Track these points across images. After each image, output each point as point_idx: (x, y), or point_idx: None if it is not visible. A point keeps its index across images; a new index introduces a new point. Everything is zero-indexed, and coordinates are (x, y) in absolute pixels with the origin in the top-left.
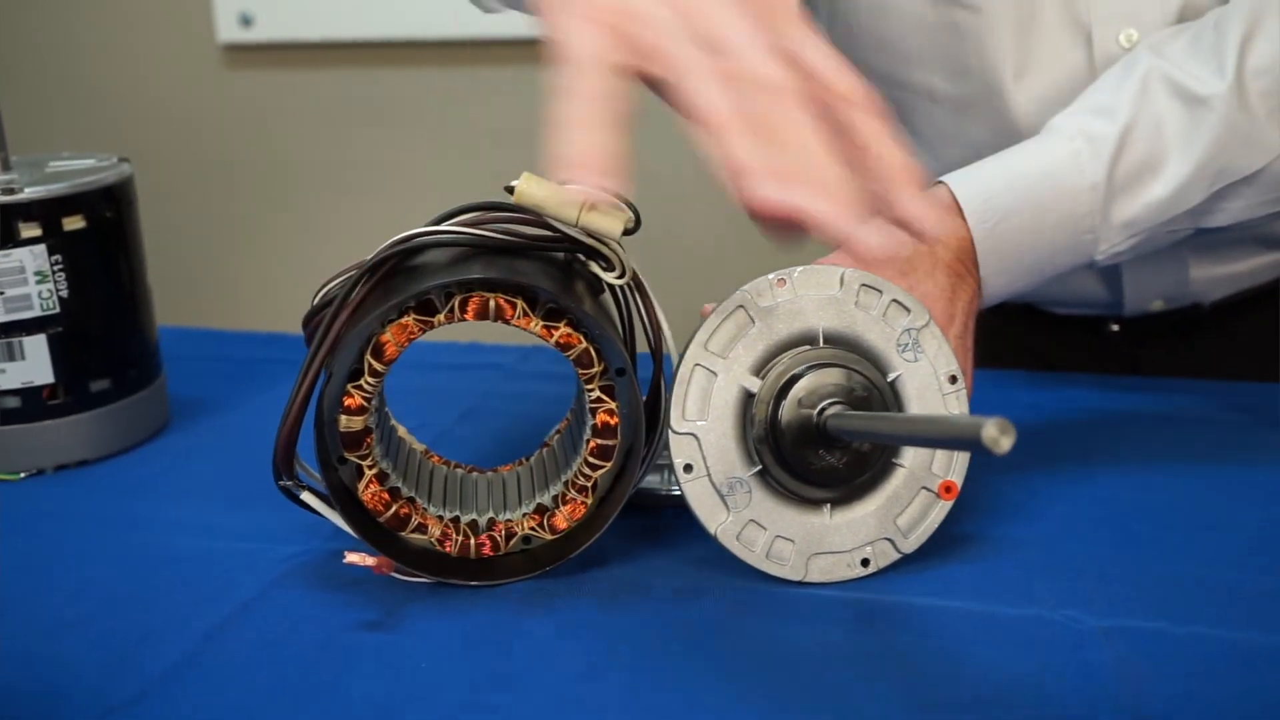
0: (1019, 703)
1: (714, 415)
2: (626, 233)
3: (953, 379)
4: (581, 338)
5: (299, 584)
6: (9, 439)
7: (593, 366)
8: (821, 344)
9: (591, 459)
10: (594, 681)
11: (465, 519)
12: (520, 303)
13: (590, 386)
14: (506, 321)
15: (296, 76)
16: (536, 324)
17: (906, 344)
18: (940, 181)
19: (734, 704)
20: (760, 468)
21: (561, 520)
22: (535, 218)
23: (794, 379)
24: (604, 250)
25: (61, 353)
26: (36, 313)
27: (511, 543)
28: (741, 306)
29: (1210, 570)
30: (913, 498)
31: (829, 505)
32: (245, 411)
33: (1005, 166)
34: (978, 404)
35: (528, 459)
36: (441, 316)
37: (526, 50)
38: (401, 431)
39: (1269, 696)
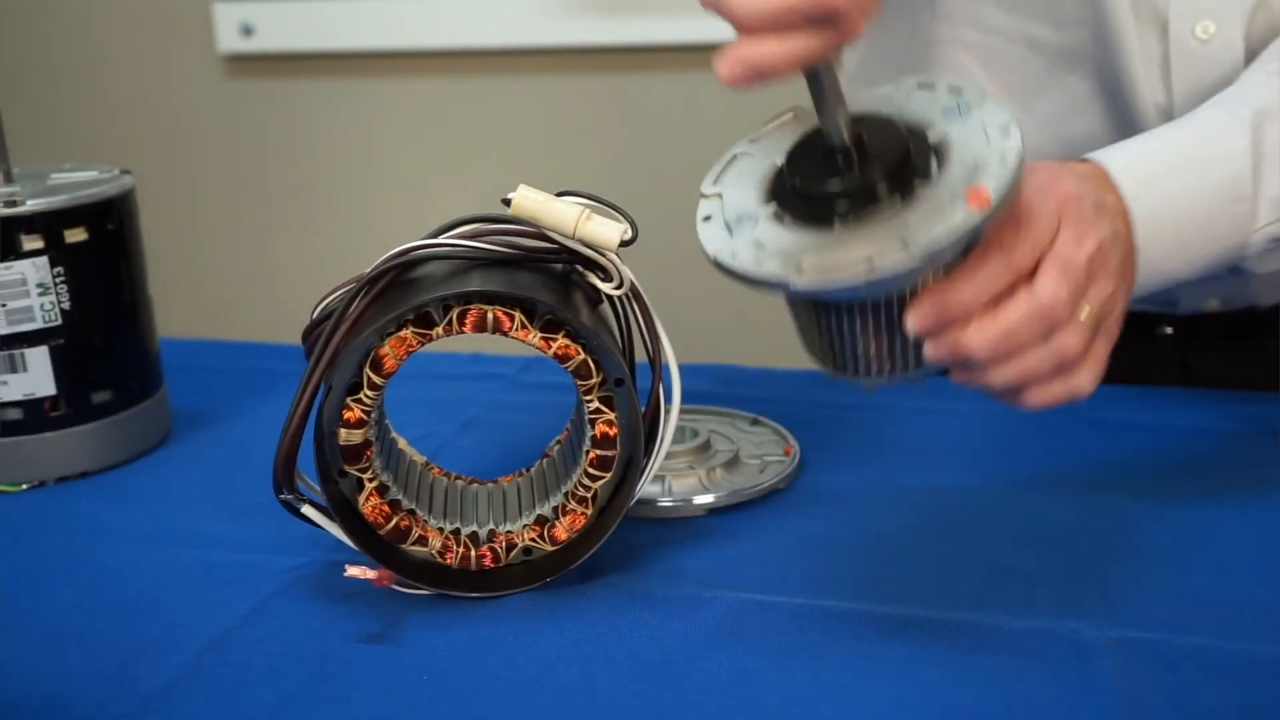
0: (1020, 714)
1: (742, 182)
2: (624, 244)
3: (1005, 130)
4: (580, 349)
5: (300, 595)
6: (10, 451)
7: (591, 378)
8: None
9: (591, 470)
10: (596, 693)
11: (466, 531)
12: (518, 314)
13: (589, 398)
14: (504, 333)
15: (297, 87)
16: (534, 335)
17: (951, 107)
18: (1085, 160)
19: (737, 715)
20: (774, 205)
21: (562, 531)
22: (533, 229)
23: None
24: (602, 261)
25: (63, 364)
26: (38, 325)
27: (512, 554)
28: (793, 113)
29: (1211, 582)
30: (933, 208)
31: (838, 220)
32: (246, 422)
33: (1150, 137)
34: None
35: (528, 470)
36: (440, 329)
37: (529, 61)
38: (402, 444)
39: (1270, 708)
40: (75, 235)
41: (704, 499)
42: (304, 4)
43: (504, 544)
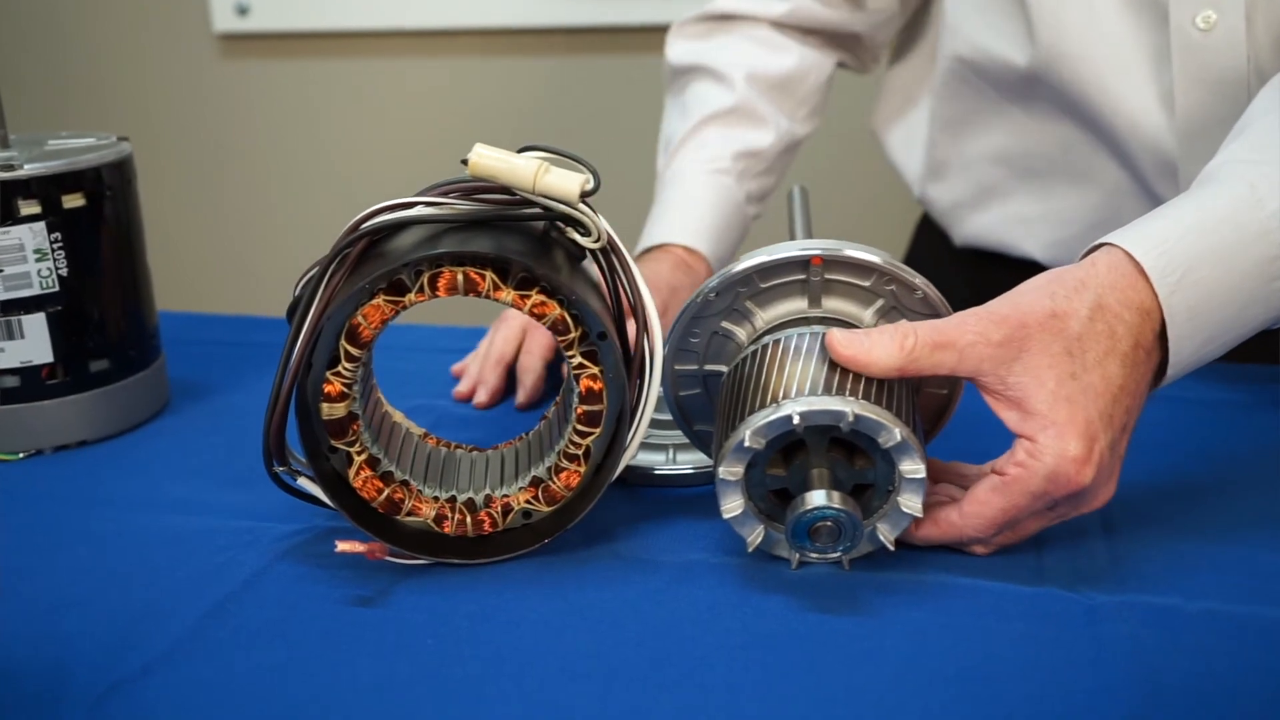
0: (1034, 676)
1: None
2: (585, 194)
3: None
4: (556, 304)
5: (301, 561)
6: (8, 419)
7: (570, 332)
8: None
9: (580, 426)
10: (603, 657)
11: (462, 498)
12: (490, 274)
13: (571, 353)
14: (479, 294)
15: (292, 66)
16: (509, 294)
17: None
18: (1103, 244)
19: (743, 680)
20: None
21: (557, 490)
22: (498, 187)
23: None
24: (575, 215)
25: (61, 332)
26: (36, 291)
27: (510, 517)
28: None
29: (1221, 549)
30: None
31: None
32: (244, 393)
33: (1174, 217)
34: None
35: (525, 435)
36: (413, 295)
37: (526, 41)
38: (397, 416)
39: (1274, 672)
40: (73, 201)
41: (708, 465)
42: None
43: (501, 508)
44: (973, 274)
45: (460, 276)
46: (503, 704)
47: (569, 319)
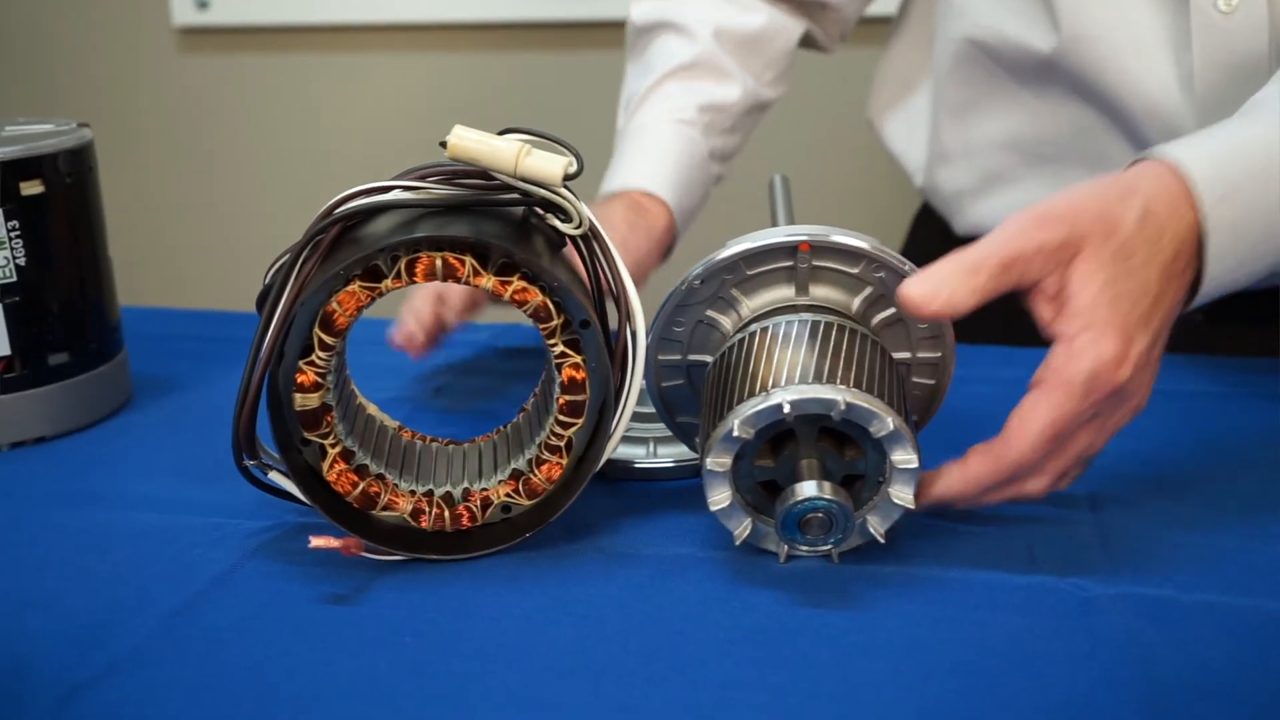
0: (1030, 669)
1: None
2: (568, 177)
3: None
4: (538, 291)
5: (273, 558)
6: None
7: (552, 320)
8: None
9: (562, 416)
10: (587, 654)
11: (440, 492)
12: (469, 260)
13: (553, 341)
14: (458, 279)
15: (253, 61)
16: (489, 280)
17: None
18: (1150, 156)
19: (734, 676)
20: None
21: (538, 483)
22: (478, 170)
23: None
24: (557, 200)
25: (19, 323)
26: None
27: (489, 512)
28: None
29: (1216, 540)
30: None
31: None
32: (209, 389)
33: (1224, 135)
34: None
35: (503, 428)
36: (389, 281)
37: (491, 36)
38: (371, 409)
39: (1275, 664)
40: (31, 188)
41: (691, 458)
42: None
43: (480, 502)
44: None
45: (439, 262)
46: (488, 702)
47: (551, 306)
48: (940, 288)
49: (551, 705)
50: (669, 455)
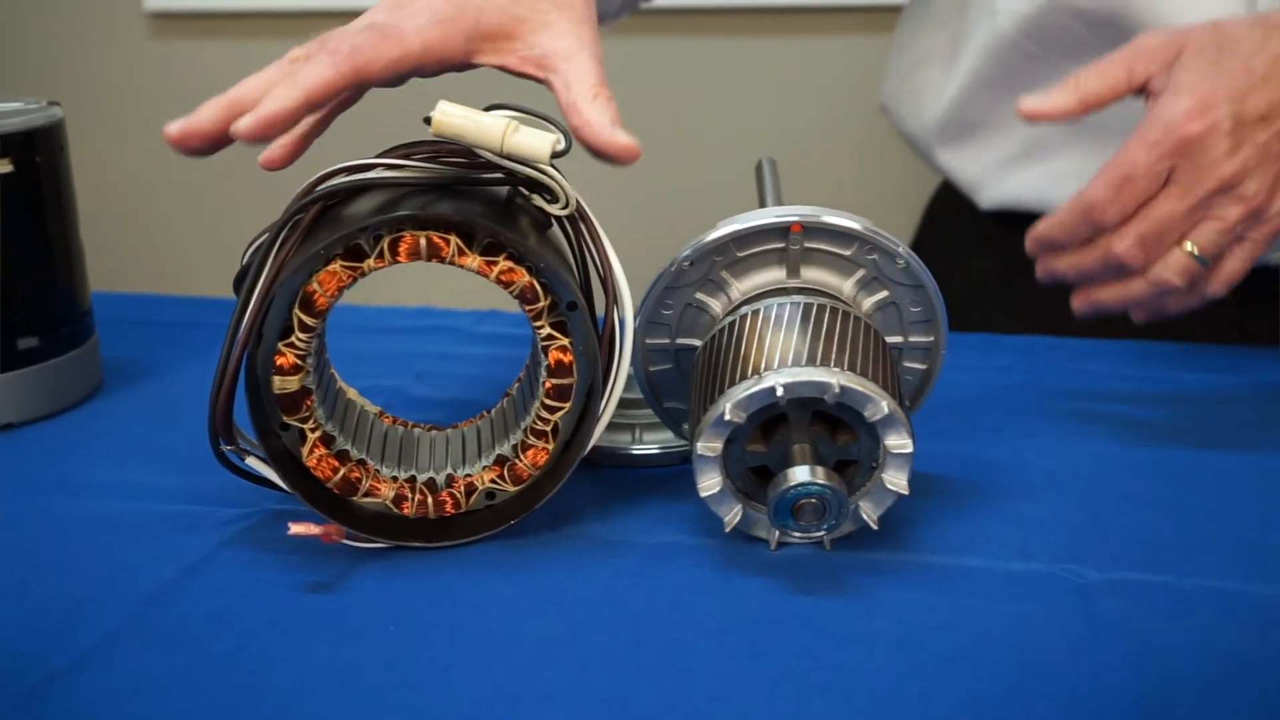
0: (1029, 657)
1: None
2: (556, 154)
3: None
4: (525, 272)
5: (250, 546)
6: None
7: (539, 301)
8: None
9: (549, 401)
10: (575, 642)
11: (423, 478)
12: (454, 239)
13: (540, 323)
14: (442, 260)
15: (227, 47)
16: (474, 260)
17: None
18: None
19: (726, 664)
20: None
21: (524, 469)
22: (461, 148)
23: None
24: (543, 180)
25: None
26: None
27: (474, 498)
28: None
29: (1212, 526)
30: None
31: None
32: (182, 375)
33: None
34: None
35: (488, 413)
36: (372, 261)
37: None
38: (352, 394)
39: (1276, 648)
40: (0, 167)
41: (678, 445)
42: None
43: (464, 488)
44: (1000, 240)
45: (423, 241)
46: (473, 693)
47: (538, 287)
48: (1071, 85)
49: (538, 696)
50: (654, 441)
